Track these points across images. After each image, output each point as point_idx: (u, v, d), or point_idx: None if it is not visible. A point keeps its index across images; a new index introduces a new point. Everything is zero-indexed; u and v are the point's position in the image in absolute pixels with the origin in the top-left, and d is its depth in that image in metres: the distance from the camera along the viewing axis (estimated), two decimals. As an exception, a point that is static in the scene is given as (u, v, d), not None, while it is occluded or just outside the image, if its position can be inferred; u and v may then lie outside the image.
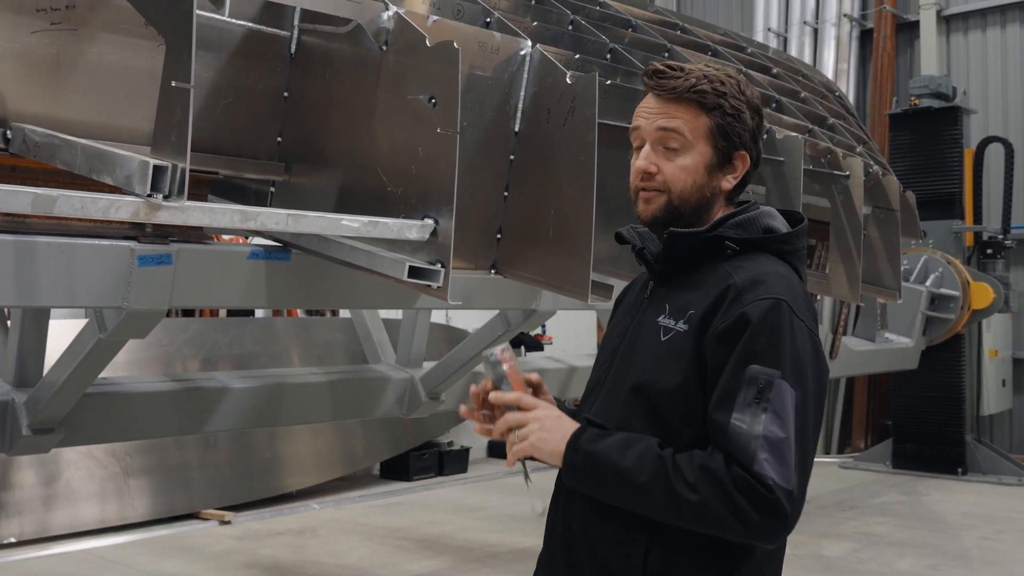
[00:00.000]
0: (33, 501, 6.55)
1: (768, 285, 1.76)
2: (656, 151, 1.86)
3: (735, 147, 1.87)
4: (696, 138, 1.84)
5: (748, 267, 1.80)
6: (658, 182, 1.85)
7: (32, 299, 2.73)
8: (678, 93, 1.84)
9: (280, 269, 3.15)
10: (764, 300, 1.74)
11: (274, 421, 4.69)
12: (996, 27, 11.24)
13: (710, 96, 1.83)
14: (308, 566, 6.20)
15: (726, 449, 1.67)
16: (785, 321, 1.73)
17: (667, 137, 1.84)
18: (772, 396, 1.67)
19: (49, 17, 2.63)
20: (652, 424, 1.79)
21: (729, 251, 1.83)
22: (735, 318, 1.73)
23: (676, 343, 1.80)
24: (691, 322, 1.79)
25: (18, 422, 3.51)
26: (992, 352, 9.95)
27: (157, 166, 2.16)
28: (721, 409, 1.70)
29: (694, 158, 1.84)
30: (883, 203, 5.14)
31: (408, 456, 8.96)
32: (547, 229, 3.05)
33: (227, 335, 7.82)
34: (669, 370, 1.79)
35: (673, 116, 1.84)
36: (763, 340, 1.71)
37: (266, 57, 3.08)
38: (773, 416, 1.66)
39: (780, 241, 1.87)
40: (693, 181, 1.85)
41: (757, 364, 1.69)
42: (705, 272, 1.84)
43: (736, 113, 1.85)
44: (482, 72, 3.08)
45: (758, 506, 1.63)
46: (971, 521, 7.60)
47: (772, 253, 1.85)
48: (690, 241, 1.84)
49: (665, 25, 4.94)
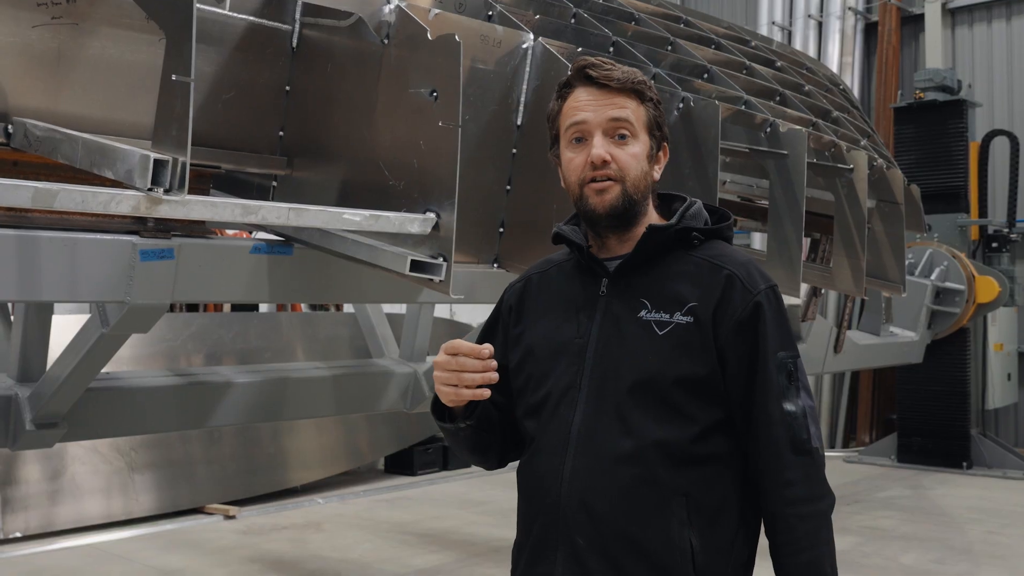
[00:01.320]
0: (38, 496, 6.57)
1: (759, 272, 1.90)
2: (607, 139, 1.87)
3: (662, 139, 1.95)
4: (640, 127, 1.90)
5: (726, 255, 1.90)
6: (613, 170, 1.86)
7: (34, 293, 2.73)
8: (622, 84, 1.88)
9: (282, 263, 3.15)
10: (767, 289, 1.87)
11: (278, 416, 4.69)
12: (1001, 20, 11.20)
13: (646, 88, 1.91)
14: (312, 560, 6.21)
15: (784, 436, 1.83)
16: (782, 303, 1.91)
17: (618, 126, 1.87)
18: (798, 374, 1.87)
19: (50, 11, 2.63)
20: (659, 416, 1.82)
21: (696, 241, 1.91)
22: (750, 308, 1.84)
23: (683, 336, 1.82)
24: (696, 314, 1.83)
25: (22, 417, 3.52)
26: (997, 346, 9.92)
27: (158, 160, 2.15)
28: (769, 399, 1.84)
29: (640, 146, 1.89)
30: (888, 197, 5.12)
31: (412, 451, 8.98)
32: (550, 223, 3.02)
33: (231, 330, 7.83)
34: (684, 362, 1.82)
35: (621, 106, 1.88)
36: (777, 326, 1.86)
37: (268, 51, 3.07)
38: (804, 391, 1.87)
39: (729, 228, 1.99)
40: (642, 168, 1.89)
41: (782, 350, 1.85)
42: (674, 263, 1.89)
43: (660, 107, 1.94)
44: (484, 65, 3.08)
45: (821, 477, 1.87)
46: (976, 515, 7.59)
47: (725, 239, 1.97)
48: (663, 235, 1.89)
49: (668, 18, 4.93)
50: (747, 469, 1.87)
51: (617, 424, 1.83)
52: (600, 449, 1.84)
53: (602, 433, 1.84)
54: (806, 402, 1.86)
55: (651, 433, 1.82)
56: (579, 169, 1.88)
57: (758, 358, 1.84)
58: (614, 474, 1.83)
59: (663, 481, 1.81)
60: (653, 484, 1.81)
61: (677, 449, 1.82)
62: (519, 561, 1.94)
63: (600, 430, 1.85)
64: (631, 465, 1.82)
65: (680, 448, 1.82)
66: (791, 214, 4.04)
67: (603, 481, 1.83)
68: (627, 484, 1.82)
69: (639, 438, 1.82)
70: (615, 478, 1.82)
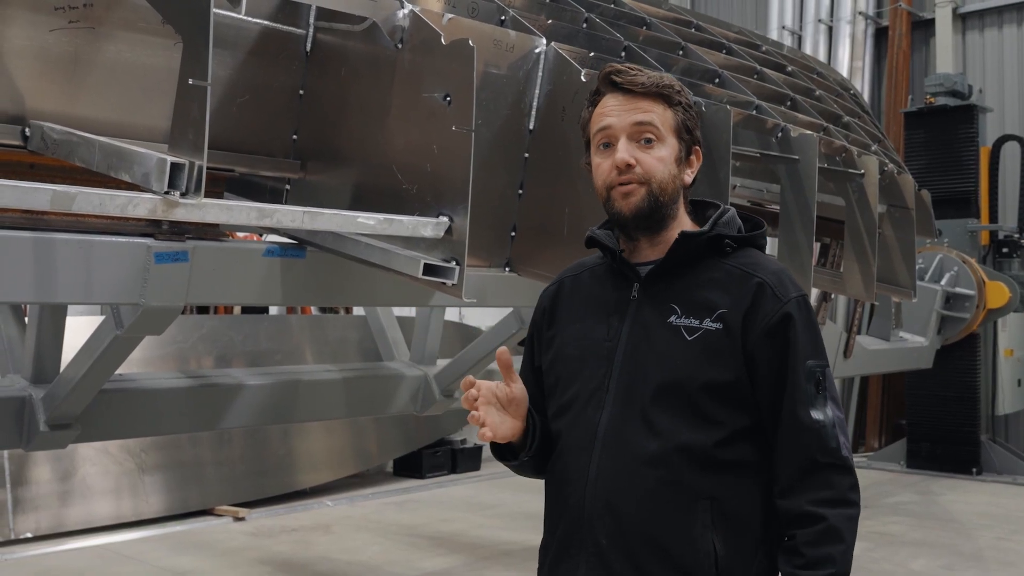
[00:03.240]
0: (49, 497, 6.60)
1: (791, 280, 1.90)
2: (631, 143, 1.89)
3: (694, 142, 1.95)
4: (667, 131, 1.90)
5: (759, 263, 1.91)
6: (637, 174, 1.88)
7: (50, 295, 2.74)
8: (647, 88, 1.89)
9: (295, 266, 3.17)
10: (798, 297, 1.88)
11: (289, 418, 4.71)
12: (1013, 24, 11.17)
13: (674, 92, 1.92)
14: (321, 563, 6.22)
15: (813, 444, 1.83)
16: (812, 313, 1.91)
17: (643, 130, 1.88)
18: (827, 384, 1.87)
19: (67, 16, 2.65)
20: (686, 420, 1.84)
21: (728, 249, 1.92)
22: (780, 316, 1.85)
23: (712, 342, 1.84)
24: (726, 320, 1.85)
25: (36, 418, 3.54)
26: (1008, 352, 9.89)
27: (175, 163, 2.17)
28: (798, 406, 1.84)
29: (668, 150, 1.90)
30: (898, 202, 5.12)
31: (421, 454, 8.98)
32: (561, 227, 3.06)
33: (241, 332, 7.86)
34: (711, 368, 1.84)
35: (646, 110, 1.89)
36: (807, 335, 1.87)
37: (282, 55, 3.09)
38: (832, 402, 1.86)
39: (762, 237, 1.99)
40: (669, 172, 1.90)
41: (811, 359, 1.85)
42: (706, 270, 1.90)
43: (692, 111, 1.94)
44: (497, 70, 3.09)
45: (852, 486, 1.85)
46: (986, 521, 7.56)
47: (758, 248, 1.97)
48: (697, 241, 1.90)
49: (680, 23, 4.94)
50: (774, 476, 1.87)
51: (643, 427, 1.85)
52: (626, 451, 1.86)
53: (628, 435, 1.86)
54: (835, 412, 1.86)
55: (677, 436, 1.83)
56: (606, 173, 1.90)
57: (787, 366, 1.84)
58: (639, 476, 1.84)
59: (688, 484, 1.82)
60: (678, 487, 1.82)
61: (702, 453, 1.83)
62: (544, 560, 1.96)
63: (626, 432, 1.86)
64: (656, 467, 1.83)
65: (705, 452, 1.83)
66: (802, 219, 4.04)
67: (628, 482, 1.85)
68: (652, 486, 1.83)
69: (665, 441, 1.83)
70: (640, 480, 1.84)
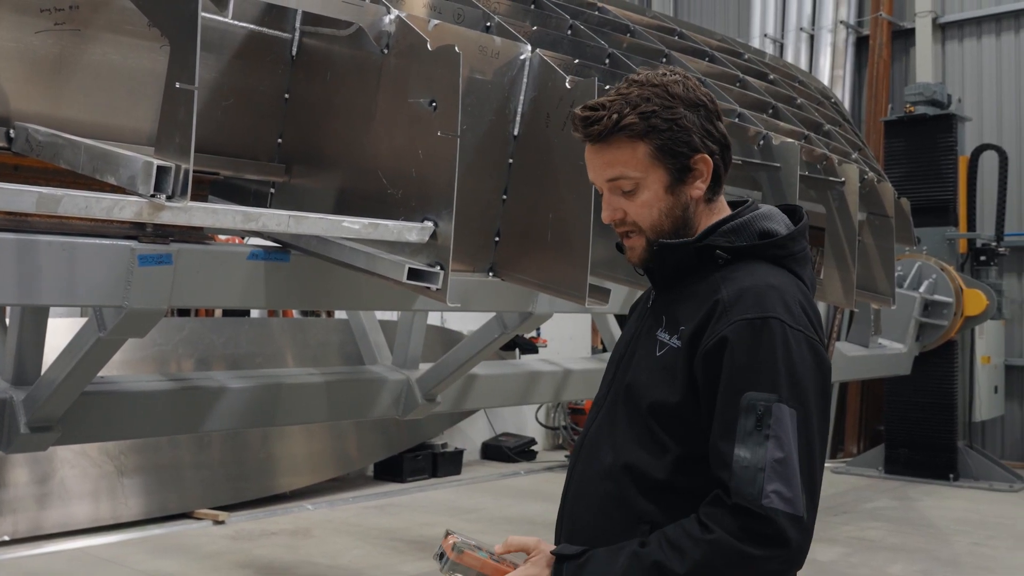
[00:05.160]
0: (27, 499, 6.55)
1: (755, 300, 1.71)
2: (615, 196, 1.85)
3: (687, 156, 1.80)
4: (643, 170, 1.80)
5: (739, 278, 1.75)
6: (629, 224, 1.86)
7: (33, 297, 2.74)
8: (605, 136, 1.80)
9: (279, 270, 3.17)
10: (747, 320, 1.69)
11: (271, 421, 4.70)
12: (991, 35, 11.28)
13: (637, 124, 1.77)
14: (302, 566, 6.21)
15: (731, 483, 1.64)
16: (777, 338, 1.68)
17: (617, 185, 1.83)
18: (772, 422, 1.64)
19: (53, 17, 2.64)
20: (639, 438, 1.79)
21: (721, 260, 1.80)
22: (718, 339, 1.69)
23: (669, 359, 1.78)
24: (683, 338, 1.76)
25: (16, 420, 3.52)
26: (985, 359, 9.98)
27: (161, 166, 2.17)
28: (724, 439, 1.66)
29: (651, 189, 1.81)
30: (878, 209, 5.16)
31: (402, 457, 8.98)
32: (545, 232, 3.07)
33: (222, 335, 7.83)
34: (662, 387, 1.77)
35: (612, 163, 1.81)
36: (752, 362, 1.66)
37: (267, 59, 3.09)
38: (775, 443, 1.63)
39: (774, 247, 1.81)
40: (659, 211, 1.82)
41: (753, 391, 1.65)
42: (696, 283, 1.81)
43: (671, 124, 1.78)
44: (482, 76, 3.10)
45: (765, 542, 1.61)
46: (962, 527, 7.63)
47: (767, 259, 1.80)
48: (679, 253, 1.82)
49: (663, 31, 4.97)
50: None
51: (609, 439, 1.86)
52: (594, 460, 1.88)
53: (599, 445, 1.88)
54: (772, 454, 1.61)
55: (626, 454, 1.81)
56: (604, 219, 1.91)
57: (718, 394, 1.68)
58: (593, 486, 1.86)
59: (631, 504, 1.78)
60: (622, 504, 1.80)
61: (643, 475, 1.77)
62: None
63: (599, 442, 1.88)
64: (606, 481, 1.83)
65: (646, 475, 1.77)
66: (783, 226, 4.08)
67: (586, 492, 1.88)
68: (602, 499, 1.84)
69: (617, 457, 1.82)
70: (594, 490, 1.86)
